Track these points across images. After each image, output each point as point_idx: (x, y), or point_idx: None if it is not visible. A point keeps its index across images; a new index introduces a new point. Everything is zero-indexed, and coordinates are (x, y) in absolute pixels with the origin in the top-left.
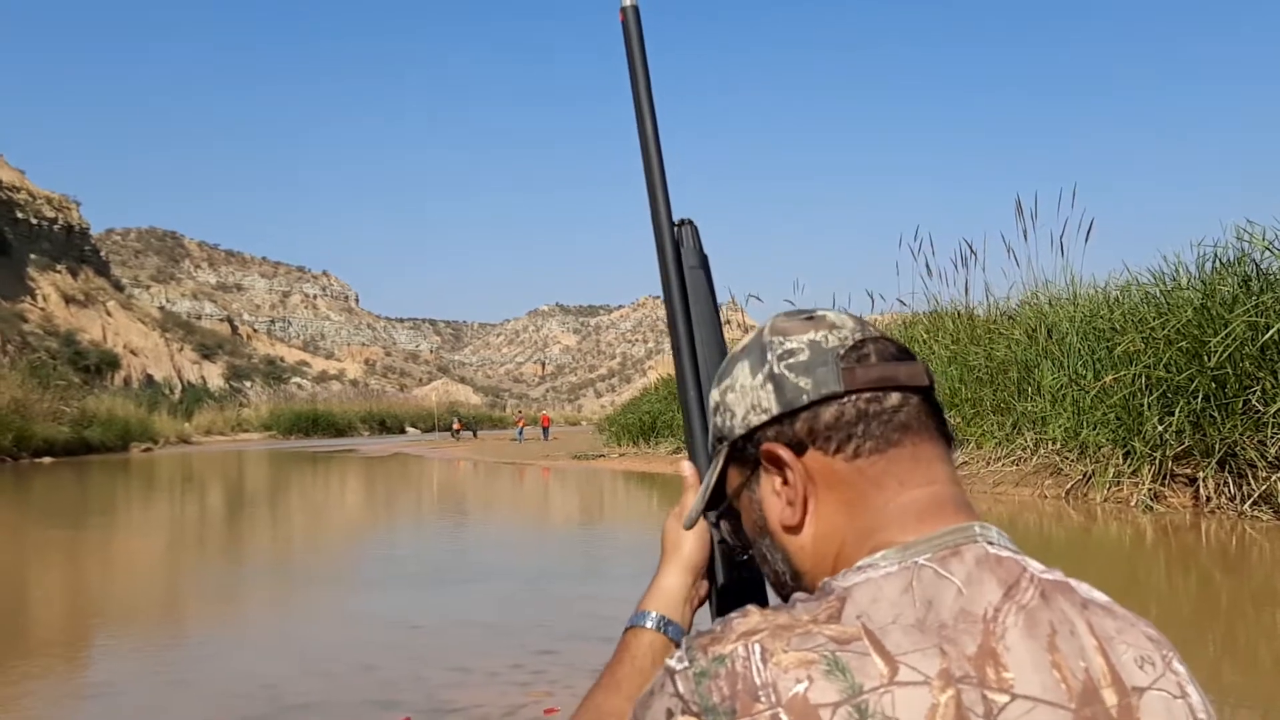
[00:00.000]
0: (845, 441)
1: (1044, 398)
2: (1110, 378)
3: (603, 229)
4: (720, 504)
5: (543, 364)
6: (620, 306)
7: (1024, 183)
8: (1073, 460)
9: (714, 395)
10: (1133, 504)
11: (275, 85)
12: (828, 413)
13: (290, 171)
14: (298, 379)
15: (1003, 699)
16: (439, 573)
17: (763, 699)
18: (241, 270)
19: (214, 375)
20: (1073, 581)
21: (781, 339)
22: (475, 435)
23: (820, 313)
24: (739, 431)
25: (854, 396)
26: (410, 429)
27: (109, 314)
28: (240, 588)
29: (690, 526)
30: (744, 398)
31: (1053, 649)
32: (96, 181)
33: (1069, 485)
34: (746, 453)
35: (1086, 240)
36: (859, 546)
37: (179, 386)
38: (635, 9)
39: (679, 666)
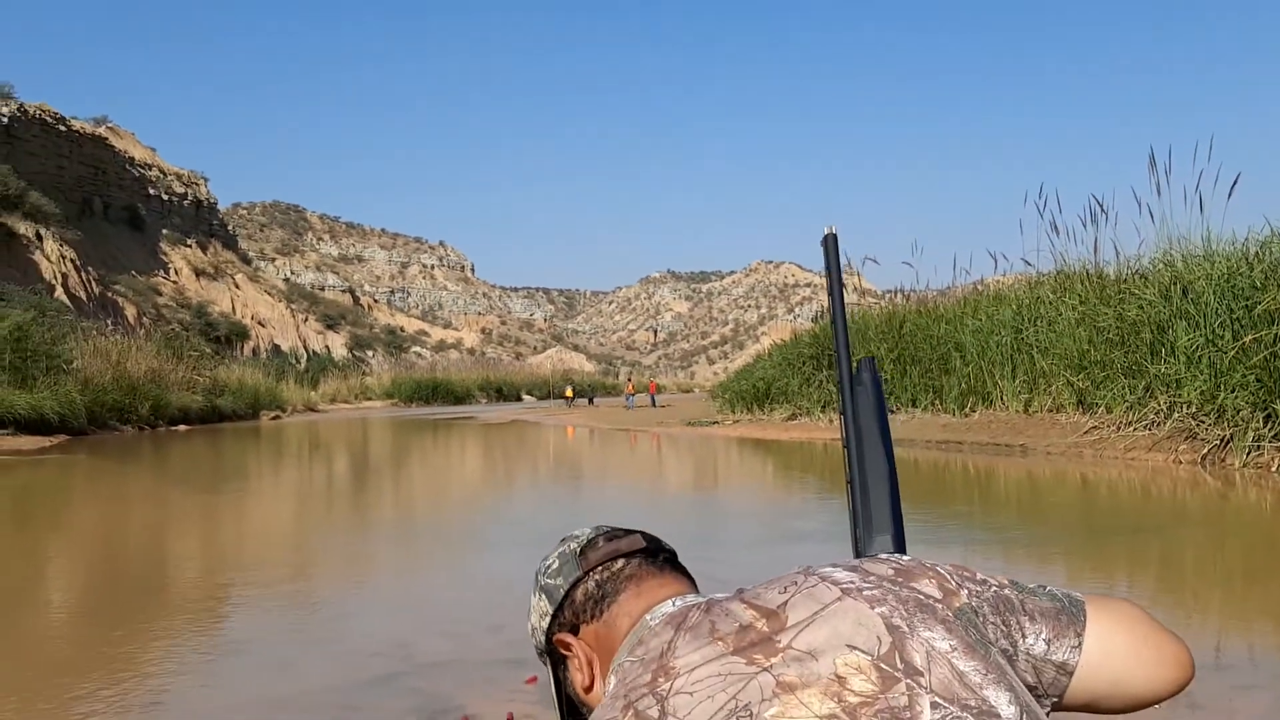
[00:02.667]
0: (595, 612)
1: (1179, 359)
2: (1250, 337)
3: (715, 195)
4: (572, 708)
5: (655, 331)
6: (732, 272)
7: (1158, 135)
8: (1209, 424)
9: (528, 629)
10: (1274, 470)
11: (392, 61)
12: (579, 593)
13: (408, 144)
14: (417, 348)
15: (668, 685)
16: (563, 534)
17: None
18: (362, 242)
19: (337, 345)
20: (748, 588)
21: (543, 561)
22: (591, 402)
23: (565, 540)
24: (541, 638)
25: (590, 574)
26: (526, 396)
27: (237, 286)
28: (368, 549)
29: None
30: (532, 614)
31: (713, 631)
32: (223, 157)
33: (1205, 450)
34: (556, 653)
35: (1230, 195)
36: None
37: (305, 356)
38: (835, 237)
39: None
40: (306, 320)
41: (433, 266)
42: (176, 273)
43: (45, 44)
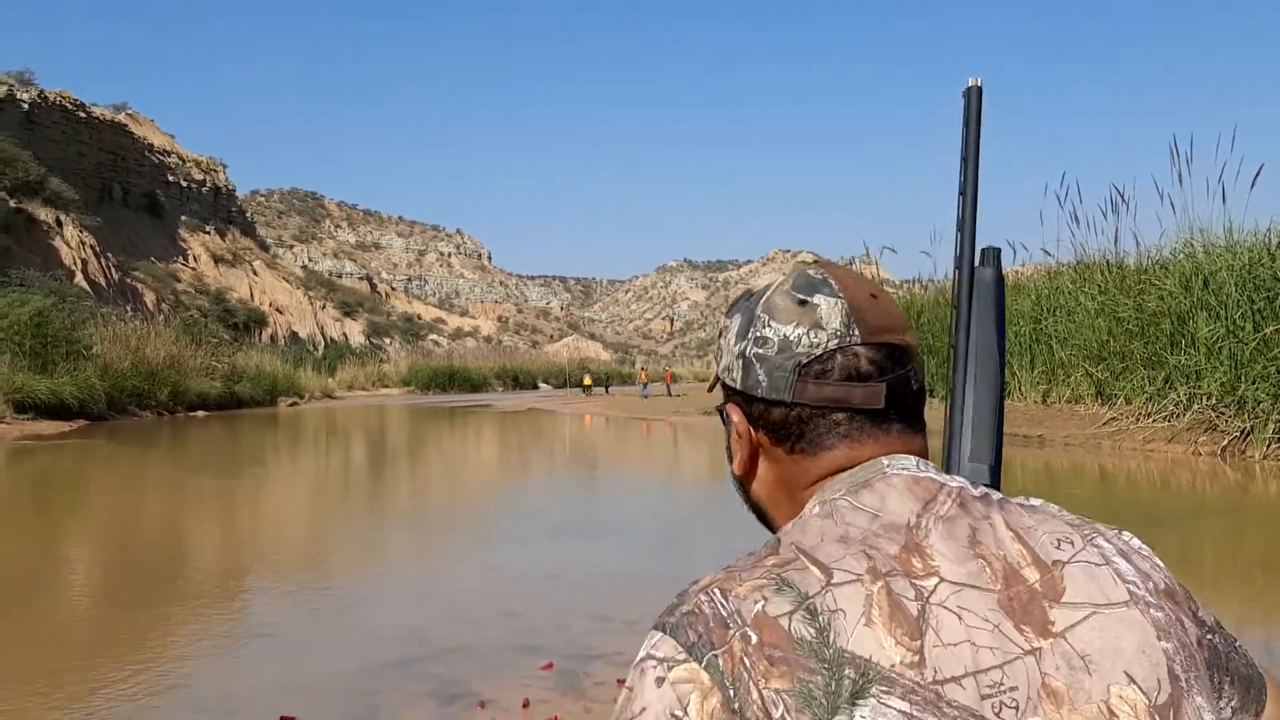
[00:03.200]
0: (784, 439)
1: (1199, 350)
2: (1272, 329)
3: (731, 184)
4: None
5: (671, 320)
6: (749, 261)
7: (1180, 124)
8: (1229, 416)
9: (722, 322)
10: None
11: (412, 50)
12: (775, 413)
13: (425, 132)
14: (434, 335)
15: (931, 582)
16: (576, 525)
17: (731, 624)
18: (379, 230)
19: (355, 332)
20: (996, 494)
21: (766, 319)
22: (608, 390)
23: (816, 300)
24: (718, 371)
25: (799, 407)
26: (542, 384)
27: (255, 273)
28: (385, 537)
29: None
30: (724, 355)
31: (974, 544)
32: (241, 144)
33: (1225, 442)
34: (726, 393)
35: (1253, 186)
36: (793, 508)
37: (322, 343)
38: (979, 90)
39: (652, 642)
40: (324, 307)
41: (450, 254)
42: (195, 259)
43: (65, 31)
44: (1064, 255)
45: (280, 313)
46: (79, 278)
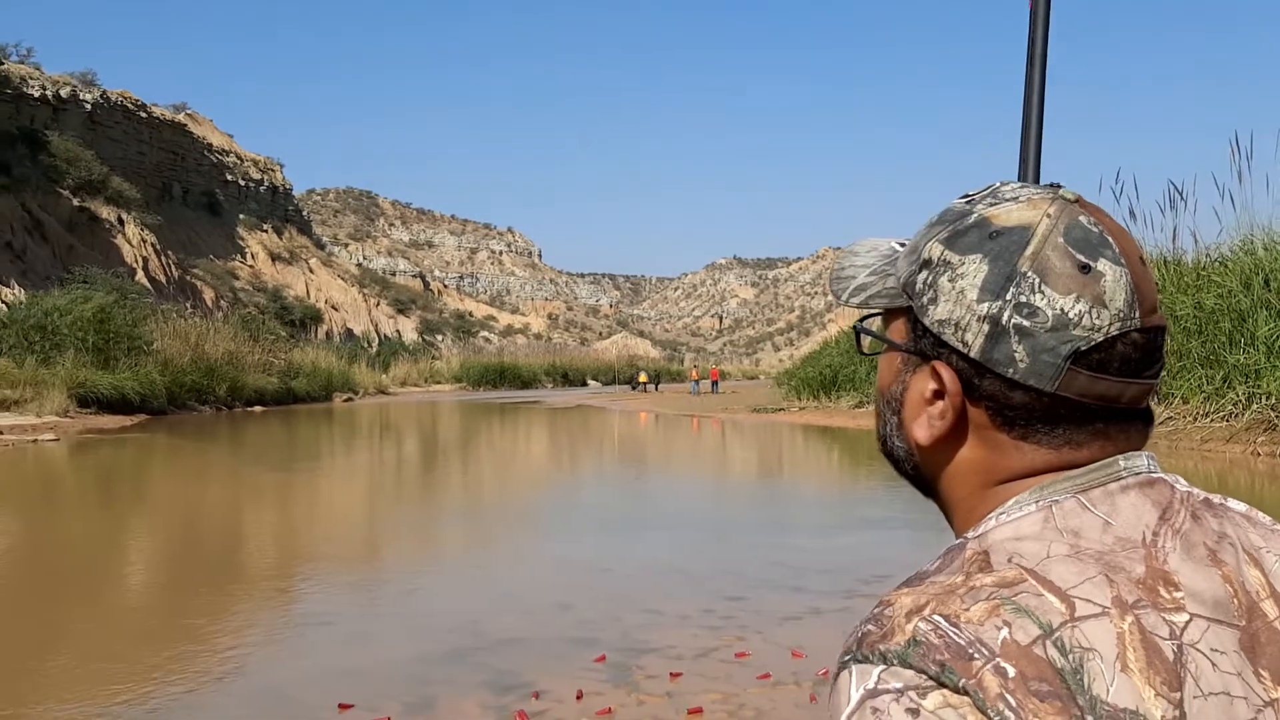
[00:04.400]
0: (1017, 426)
1: (1259, 349)
2: None
3: (781, 181)
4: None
5: (720, 317)
6: (799, 259)
7: (1240, 120)
8: None
9: (932, 249)
10: None
11: (464, 52)
12: (1018, 396)
13: (478, 132)
14: (485, 333)
15: (1181, 617)
16: (628, 520)
17: (975, 655)
18: (432, 228)
19: (408, 329)
20: (1214, 497)
21: (1037, 282)
22: (657, 388)
23: (1101, 268)
24: (928, 321)
25: (1054, 398)
26: (591, 381)
27: (311, 271)
28: (439, 529)
29: (843, 301)
30: (955, 303)
31: (1218, 563)
32: (298, 144)
33: None
34: (920, 335)
35: None
36: (988, 496)
37: (376, 340)
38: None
39: (878, 677)
40: (378, 305)
41: (501, 252)
42: (253, 257)
43: (127, 33)
44: None
45: (335, 310)
46: (140, 275)
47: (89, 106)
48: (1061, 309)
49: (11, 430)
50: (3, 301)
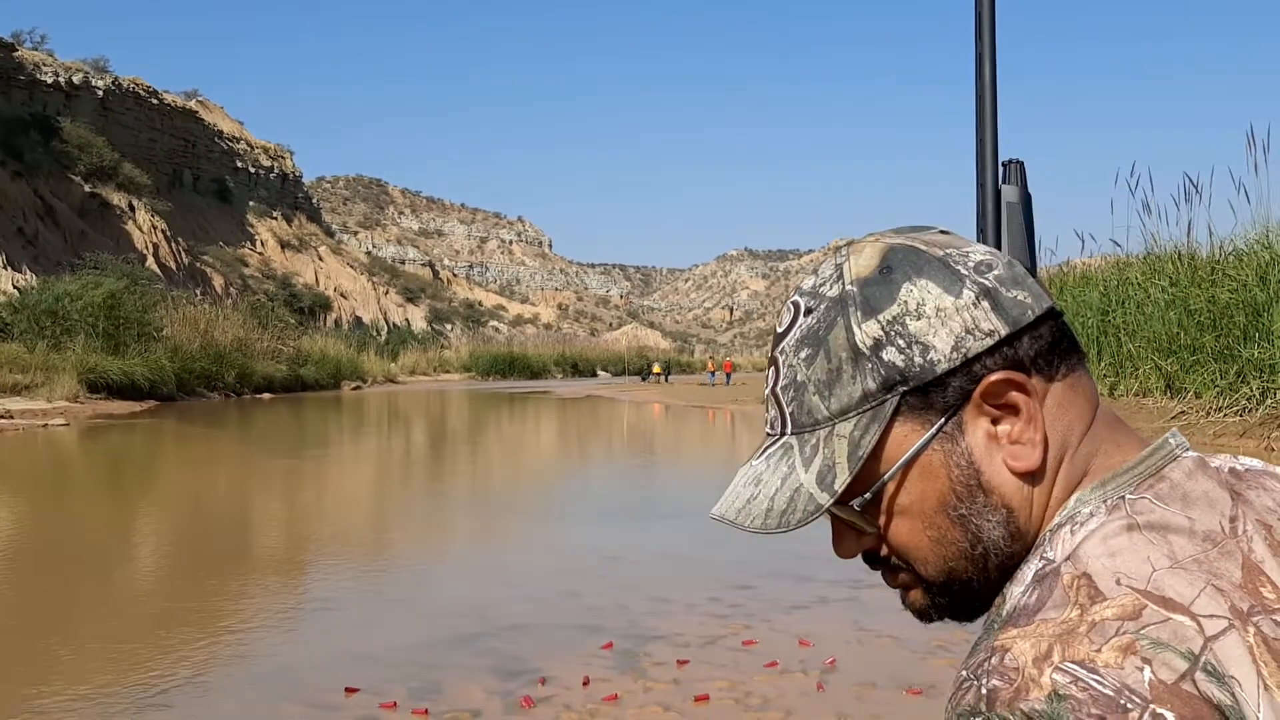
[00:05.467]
0: (1063, 359)
1: (1274, 344)
2: None
3: (792, 173)
4: (868, 487)
5: (731, 309)
6: (810, 251)
7: (1257, 112)
8: None
9: (866, 331)
10: None
11: (475, 40)
12: (1047, 330)
13: (488, 120)
14: (495, 322)
15: None
16: (636, 509)
17: (1129, 705)
18: (442, 217)
19: (417, 318)
20: (1235, 463)
21: (958, 250)
22: (667, 379)
23: (931, 228)
24: (945, 366)
25: (1056, 316)
26: (601, 372)
27: (320, 258)
28: (447, 517)
29: (797, 526)
30: (946, 322)
31: (1273, 545)
32: (308, 132)
33: None
34: (944, 395)
35: None
36: (1068, 486)
37: (385, 328)
38: None
39: None
40: (387, 293)
41: (511, 242)
42: (262, 244)
43: (140, 20)
44: (1133, 245)
45: (344, 298)
46: (150, 261)
47: (101, 93)
48: (986, 250)
49: (22, 415)
50: (14, 286)
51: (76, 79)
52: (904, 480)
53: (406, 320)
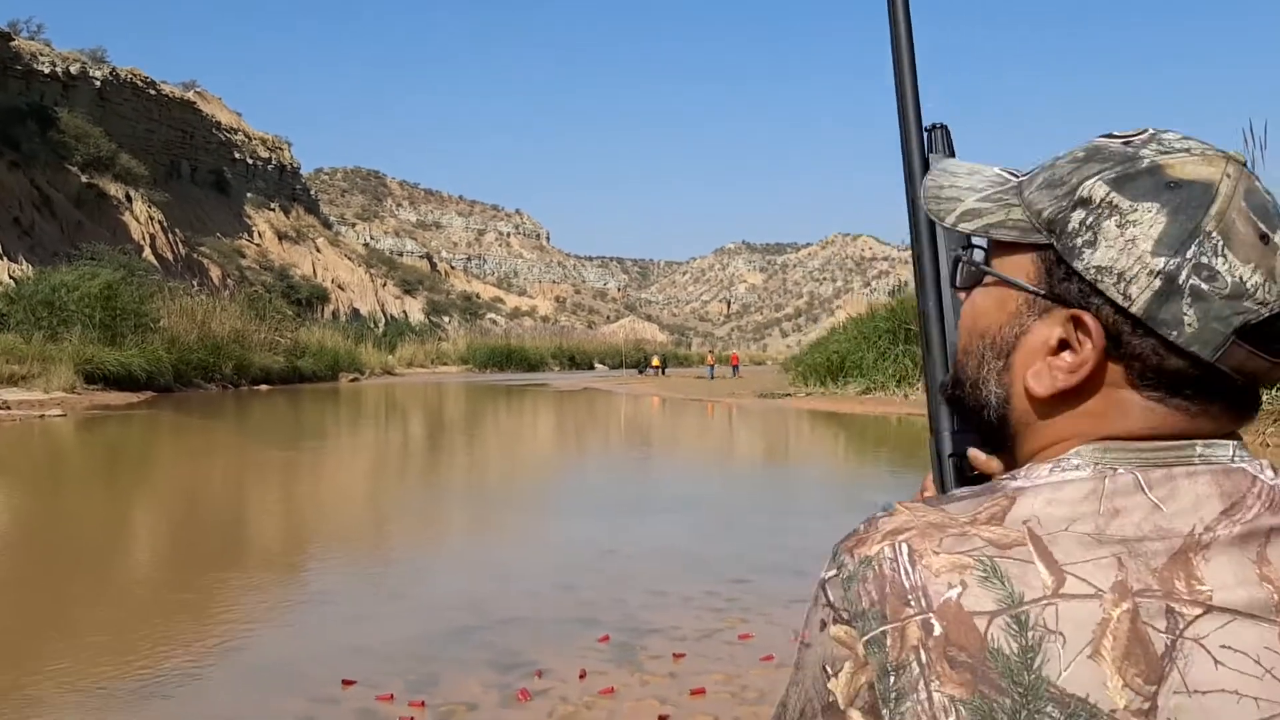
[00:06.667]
0: (1158, 389)
1: None
2: None
3: (790, 166)
4: (973, 280)
5: (728, 302)
6: (808, 245)
7: (1255, 110)
8: None
9: (1095, 188)
10: None
11: (473, 31)
12: (1173, 361)
13: (486, 112)
14: (492, 315)
15: (1194, 611)
16: (633, 502)
17: (912, 603)
18: (440, 209)
19: (415, 310)
20: None
21: (1220, 244)
22: (664, 372)
23: (1278, 240)
24: (1079, 267)
25: (1209, 370)
26: (599, 365)
27: (318, 250)
28: (443, 510)
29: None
30: (1122, 251)
31: (1262, 561)
32: (306, 123)
33: None
34: (1063, 281)
35: None
36: (1055, 439)
37: (383, 320)
38: None
39: (828, 575)
40: (385, 285)
41: (509, 234)
42: (260, 235)
43: (137, 10)
44: None
45: (342, 289)
46: (147, 252)
47: (98, 83)
48: (1240, 277)
49: (19, 406)
50: (10, 277)
51: (74, 69)
52: (992, 285)
53: (404, 312)
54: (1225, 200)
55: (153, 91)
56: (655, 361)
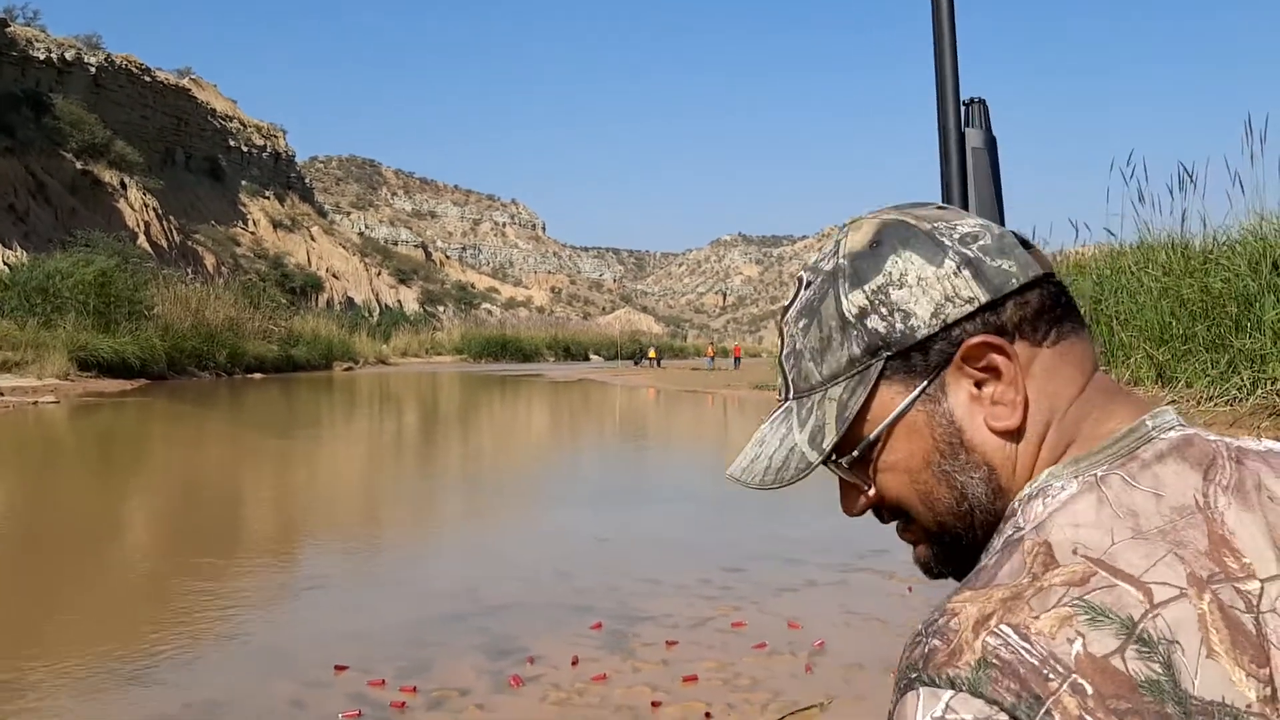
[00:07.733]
0: (1053, 325)
1: (1265, 334)
2: None
3: (787, 158)
4: (856, 446)
5: (724, 294)
6: (804, 237)
7: (1255, 102)
8: None
9: (852, 300)
10: None
11: (469, 19)
12: (1034, 297)
13: (482, 102)
14: (487, 305)
15: (1253, 585)
16: (627, 492)
17: (1051, 676)
18: (435, 198)
19: (409, 299)
20: (1251, 443)
21: (946, 223)
22: (659, 364)
23: (930, 204)
24: (925, 332)
25: (1049, 281)
26: (593, 356)
27: (313, 239)
28: (437, 499)
29: (790, 482)
30: (927, 291)
31: (1270, 526)
32: (301, 111)
33: None
34: (926, 359)
35: None
36: (1054, 450)
37: (377, 309)
38: None
39: (942, 706)
40: (380, 274)
41: (504, 224)
42: (254, 224)
43: None
44: (1127, 234)
45: (336, 278)
46: (142, 240)
47: (93, 70)
48: (977, 223)
49: (12, 392)
50: (4, 263)
51: (69, 55)
52: (889, 439)
53: (399, 302)
54: (911, 219)
55: (148, 78)
56: (651, 353)
